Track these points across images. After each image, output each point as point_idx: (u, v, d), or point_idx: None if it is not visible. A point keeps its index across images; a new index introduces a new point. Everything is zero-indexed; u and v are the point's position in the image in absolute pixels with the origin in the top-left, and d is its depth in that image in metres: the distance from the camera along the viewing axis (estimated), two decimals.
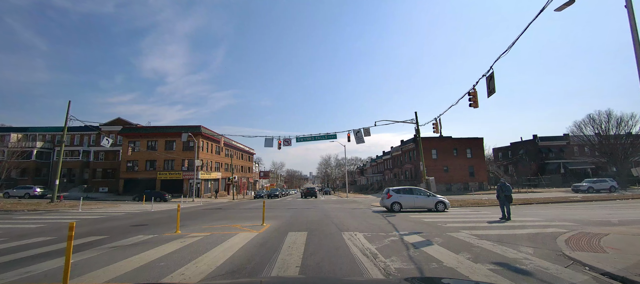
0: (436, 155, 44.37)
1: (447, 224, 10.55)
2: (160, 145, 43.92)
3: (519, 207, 17.33)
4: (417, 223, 11.47)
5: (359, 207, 20.18)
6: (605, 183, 31.31)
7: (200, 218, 14.24)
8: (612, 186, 31.03)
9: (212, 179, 47.72)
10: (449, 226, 10.27)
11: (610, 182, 31.39)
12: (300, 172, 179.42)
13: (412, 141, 46.25)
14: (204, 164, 44.78)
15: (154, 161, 43.50)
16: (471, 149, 45.13)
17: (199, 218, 13.91)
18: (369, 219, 12.90)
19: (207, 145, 46.64)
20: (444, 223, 10.94)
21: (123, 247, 7.07)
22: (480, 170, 44.25)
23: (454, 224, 10.72)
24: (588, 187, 30.83)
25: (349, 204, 24.40)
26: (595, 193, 28.87)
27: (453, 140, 45.27)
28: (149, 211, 19.36)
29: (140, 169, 43.35)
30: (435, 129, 19.37)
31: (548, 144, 52.89)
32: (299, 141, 24.74)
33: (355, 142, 24.32)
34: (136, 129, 45.14)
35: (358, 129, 24.32)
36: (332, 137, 24.94)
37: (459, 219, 12.52)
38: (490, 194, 34.31)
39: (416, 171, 45.26)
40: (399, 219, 12.60)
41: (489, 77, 11.37)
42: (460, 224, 10.73)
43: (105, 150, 49.80)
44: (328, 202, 27.79)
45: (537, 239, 7.48)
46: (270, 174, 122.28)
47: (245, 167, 70.96)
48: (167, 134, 43.77)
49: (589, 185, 31.16)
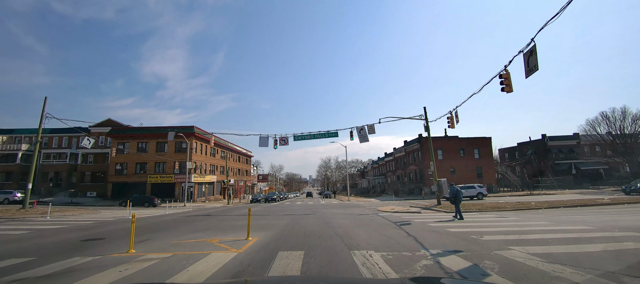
0: (442, 156, 42.12)
1: (484, 237, 8.26)
2: (151, 147, 41.61)
3: (550, 212, 15.03)
4: (442, 234, 9.18)
5: (365, 213, 17.86)
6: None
7: (176, 228, 11.93)
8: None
9: (206, 183, 45.36)
10: (487, 239, 7.99)
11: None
12: (300, 175, 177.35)
13: (416, 141, 44.02)
14: (197, 167, 42.47)
15: (145, 163, 41.15)
16: (479, 150, 42.90)
17: (174, 229, 11.59)
18: (381, 229, 10.61)
19: (200, 147, 44.34)
20: (479, 235, 8.65)
21: (32, 279, 4.79)
22: (488, 171, 41.99)
23: (491, 236, 8.43)
24: None
25: (353, 209, 22.08)
26: None
27: (459, 140, 43.06)
28: (126, 218, 17.03)
29: (129, 172, 40.99)
30: (450, 123, 17.13)
31: (558, 144, 50.68)
32: (297, 139, 22.50)
33: (359, 141, 22.12)
34: (125, 130, 42.86)
35: (361, 126, 22.14)
36: (333, 135, 22.72)
37: (490, 227, 10.23)
38: (506, 197, 32.11)
39: (421, 173, 42.99)
40: (417, 229, 10.32)
41: (528, 52, 9.16)
42: (498, 236, 8.44)
43: (94, 152, 47.50)
44: (329, 207, 25.46)
45: (625, 257, 5.21)
46: (269, 178, 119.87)
47: (243, 170, 68.60)
48: (158, 135, 41.48)
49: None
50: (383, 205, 25.72)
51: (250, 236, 8.81)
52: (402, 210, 18.96)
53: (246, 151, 69.98)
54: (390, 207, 22.12)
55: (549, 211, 16.07)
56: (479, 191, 31.87)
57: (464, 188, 31.68)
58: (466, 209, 17.09)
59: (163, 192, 39.53)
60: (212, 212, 22.04)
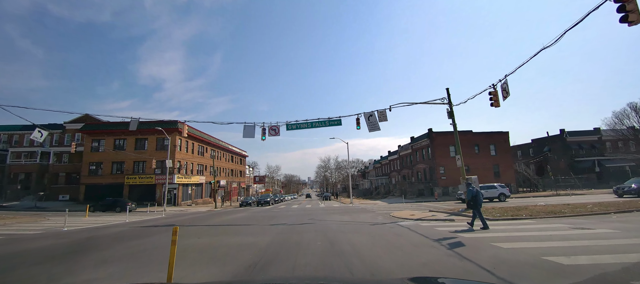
0: (455, 152, 37.86)
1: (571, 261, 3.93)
2: (129, 144, 37.15)
3: (625, 217, 10.73)
4: (522, 263, 4.84)
5: (378, 222, 13.55)
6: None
7: (90, 253, 7.57)
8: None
9: (193, 184, 40.92)
10: (583, 265, 3.66)
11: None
12: (298, 177, 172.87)
13: (425, 137, 39.77)
14: (182, 167, 38.04)
15: (122, 163, 36.68)
16: (495, 146, 38.73)
17: (83, 257, 7.23)
18: (423, 254, 6.28)
19: (186, 144, 39.92)
20: (556, 261, 4.32)
21: None
22: (507, 169, 37.78)
23: (585, 261, 4.10)
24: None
25: (360, 215, 17.77)
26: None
27: (474, 135, 38.86)
28: (70, 231, 12.64)
29: (105, 172, 36.51)
30: (493, 99, 12.83)
31: (578, 140, 46.56)
32: (291, 128, 18.16)
33: (368, 130, 17.87)
34: (100, 125, 38.39)
35: (371, 112, 17.93)
36: (334, 123, 18.41)
37: (562, 241, 5.90)
38: (530, 198, 27.73)
39: (431, 172, 38.74)
40: (473, 251, 5.99)
41: None
42: (592, 261, 4.11)
43: (69, 152, 42.93)
44: (330, 212, 21.11)
45: None
46: (266, 179, 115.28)
47: (236, 171, 64.13)
48: (138, 131, 36.90)
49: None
50: (395, 209, 21.39)
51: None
52: (425, 216, 14.67)
53: (240, 150, 65.54)
54: (406, 212, 17.80)
55: (624, 215, 11.83)
56: (500, 191, 27.66)
57: (484, 188, 27.45)
58: (500, 215, 12.80)
59: (142, 196, 35.11)
60: (183, 221, 17.65)
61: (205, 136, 46.31)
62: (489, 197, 27.15)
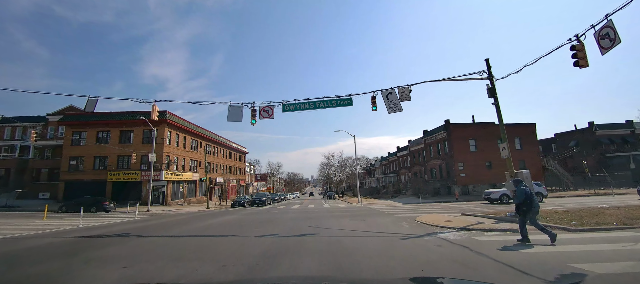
0: (475, 146, 33.86)
1: None
2: (113, 136, 33.63)
3: None
4: None
5: (406, 231, 9.73)
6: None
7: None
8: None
9: (185, 182, 37.34)
10: None
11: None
12: (301, 175, 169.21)
13: (442, 129, 35.73)
14: (171, 162, 34.46)
15: (105, 157, 33.18)
16: (520, 139, 34.60)
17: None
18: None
19: (177, 137, 36.33)
20: None
21: None
22: (533, 166, 33.58)
23: None
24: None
25: (376, 219, 13.95)
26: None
27: (496, 127, 34.59)
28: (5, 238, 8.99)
29: (86, 168, 33.04)
30: (579, 56, 8.81)
31: (608, 133, 42.18)
32: (289, 109, 14.33)
33: (387, 111, 14.05)
34: (82, 116, 34.92)
35: (389, 89, 14.15)
36: (344, 103, 14.57)
37: None
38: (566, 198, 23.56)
39: (448, 169, 34.72)
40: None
41: None
42: None
43: (53, 145, 39.61)
44: (337, 215, 17.30)
45: None
46: (267, 177, 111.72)
47: (235, 168, 60.62)
48: (122, 122, 33.50)
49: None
50: (416, 211, 17.52)
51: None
52: (469, 225, 10.82)
53: (238, 146, 62.00)
54: (435, 217, 13.95)
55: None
56: (537, 190, 23.54)
57: None
58: (574, 223, 8.86)
59: (127, 193, 31.62)
60: (152, 227, 13.96)
61: (199, 129, 42.72)
62: None
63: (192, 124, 40.46)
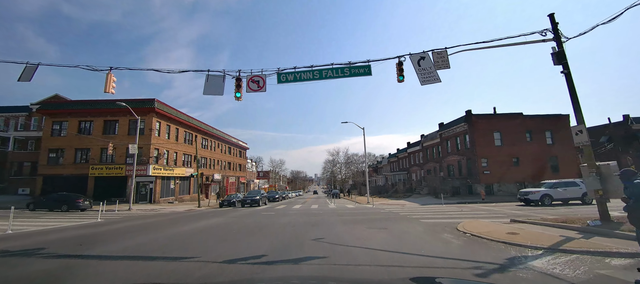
0: (501, 140, 29.98)
1: None
2: (96, 127, 30.45)
3: None
4: None
5: (456, 249, 6.14)
6: None
7: None
8: None
9: (177, 178, 34.10)
10: None
11: None
12: (305, 173, 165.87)
13: (461, 121, 31.87)
14: (161, 155, 31.20)
15: (87, 150, 30.03)
16: (551, 132, 30.63)
17: None
18: None
19: (168, 129, 33.04)
20: None
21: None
22: (568, 163, 29.65)
23: None
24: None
25: (398, 225, 10.35)
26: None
27: (524, 119, 30.79)
28: None
29: (67, 161, 29.93)
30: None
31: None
32: (286, 80, 10.78)
33: (420, 82, 10.49)
34: (63, 104, 31.81)
35: (422, 54, 10.60)
36: (359, 72, 10.99)
37: None
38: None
39: (469, 165, 30.92)
40: None
41: None
42: None
43: (35, 137, 36.65)
44: (348, 219, 13.75)
45: None
46: (270, 175, 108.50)
47: (235, 164, 57.38)
48: (107, 111, 30.28)
49: None
50: (444, 215, 13.86)
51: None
52: (549, 241, 7.18)
53: (237, 141, 58.74)
54: (485, 226, 10.31)
55: None
56: (584, 190, 19.74)
57: (561, 186, 19.71)
58: None
59: (111, 190, 28.47)
60: (103, 235, 10.55)
61: (194, 121, 39.43)
62: (564, 198, 19.46)
63: (185, 115, 37.18)
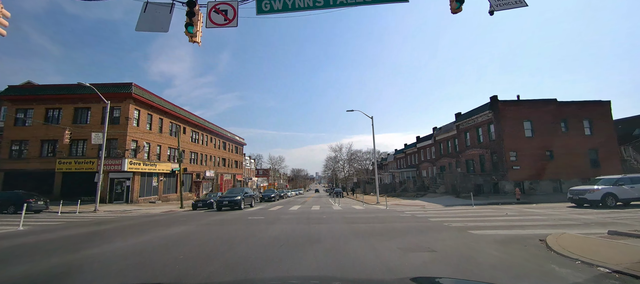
0: (531, 131, 25.86)
1: None
2: (66, 115, 26.61)
3: None
4: None
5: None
6: None
7: None
8: None
9: (160, 174, 30.22)
10: None
11: None
12: (306, 171, 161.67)
13: (486, 109, 27.72)
14: (140, 148, 27.29)
15: (55, 142, 26.21)
16: (591, 121, 26.49)
17: None
18: None
19: (149, 118, 29.13)
20: None
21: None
22: (610, 156, 25.55)
23: None
24: None
25: (443, 238, 6.32)
26: None
27: (558, 105, 26.62)
28: None
29: (31, 155, 26.11)
30: None
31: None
32: (269, 11, 6.68)
33: (490, 6, 6.22)
34: (29, 89, 27.98)
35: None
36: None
37: None
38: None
39: (494, 159, 26.82)
40: None
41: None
42: None
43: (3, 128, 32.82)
44: (362, 229, 9.76)
45: None
46: (269, 172, 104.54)
47: (230, 161, 53.51)
48: (77, 97, 26.43)
49: None
50: (486, 220, 9.80)
51: None
52: None
53: (233, 136, 54.83)
54: (595, 245, 6.19)
55: None
56: None
57: (626, 182, 15.61)
58: None
59: (81, 187, 24.66)
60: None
61: (181, 111, 35.51)
62: (629, 198, 15.39)
63: (170, 104, 33.23)
